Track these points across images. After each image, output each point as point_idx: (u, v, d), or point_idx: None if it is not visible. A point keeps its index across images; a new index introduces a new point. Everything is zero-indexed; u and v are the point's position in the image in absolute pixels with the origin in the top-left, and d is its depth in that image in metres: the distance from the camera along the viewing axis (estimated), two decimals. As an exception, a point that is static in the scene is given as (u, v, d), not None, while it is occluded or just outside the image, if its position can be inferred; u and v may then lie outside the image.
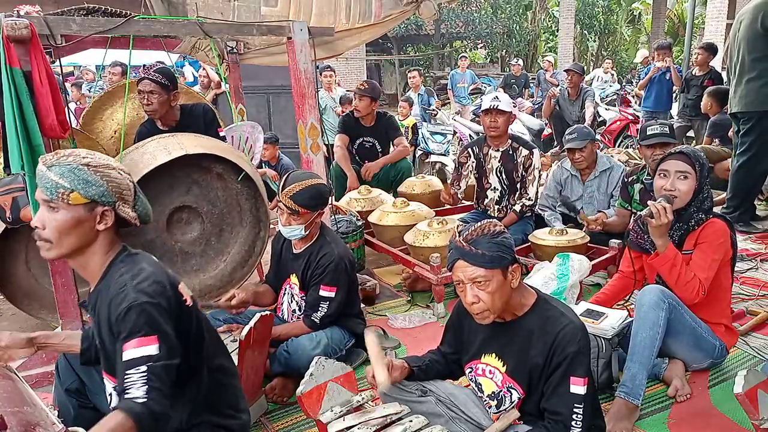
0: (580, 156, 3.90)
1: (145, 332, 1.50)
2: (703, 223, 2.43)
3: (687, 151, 2.43)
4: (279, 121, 6.82)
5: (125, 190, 1.63)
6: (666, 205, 2.31)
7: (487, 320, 1.82)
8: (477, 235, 1.76)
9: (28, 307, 3.29)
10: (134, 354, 1.49)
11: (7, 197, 2.75)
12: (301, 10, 3.39)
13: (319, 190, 2.57)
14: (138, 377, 1.47)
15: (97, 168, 1.59)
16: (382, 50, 21.23)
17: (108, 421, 1.43)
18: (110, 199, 1.60)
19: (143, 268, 1.62)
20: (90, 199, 1.57)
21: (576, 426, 1.73)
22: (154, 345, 1.50)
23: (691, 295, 2.36)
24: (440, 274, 3.29)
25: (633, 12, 24.61)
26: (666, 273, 2.39)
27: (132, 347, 1.49)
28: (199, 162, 2.91)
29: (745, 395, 1.81)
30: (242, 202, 3.08)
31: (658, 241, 2.37)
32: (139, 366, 1.48)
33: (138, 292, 1.54)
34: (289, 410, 2.48)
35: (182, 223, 3.01)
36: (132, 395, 1.45)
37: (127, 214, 1.63)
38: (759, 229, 4.54)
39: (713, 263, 2.39)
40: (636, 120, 7.91)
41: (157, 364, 1.49)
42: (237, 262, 3.15)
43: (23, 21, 2.33)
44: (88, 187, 1.56)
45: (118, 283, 1.57)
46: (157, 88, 3.19)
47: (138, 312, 1.51)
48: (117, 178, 1.61)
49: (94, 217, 1.60)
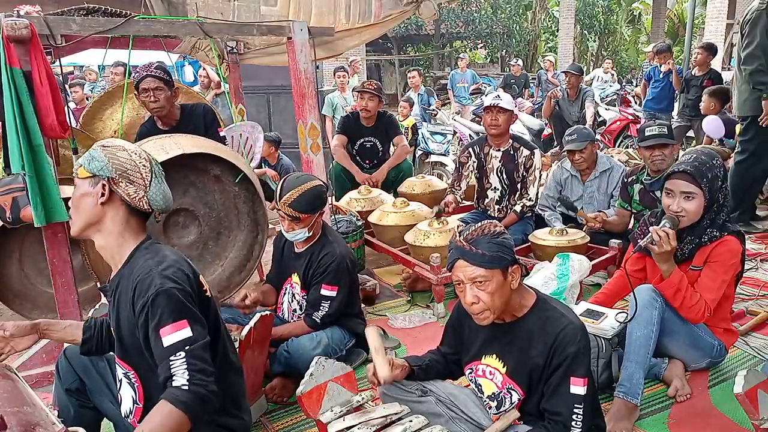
0: (580, 157, 3.90)
1: (176, 317, 1.56)
2: (716, 239, 2.33)
3: (691, 169, 2.27)
4: (279, 121, 6.81)
5: (130, 170, 1.67)
6: (670, 231, 2.22)
7: (487, 321, 1.81)
8: (477, 235, 1.76)
9: (20, 307, 3.27)
10: (172, 339, 1.54)
11: (7, 197, 2.74)
12: (301, 10, 3.39)
13: (316, 193, 2.56)
14: (180, 363, 1.52)
15: (107, 148, 1.70)
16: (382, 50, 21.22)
17: (155, 413, 1.48)
18: (108, 173, 1.65)
19: (167, 255, 1.68)
20: (91, 173, 1.66)
21: (576, 426, 1.73)
22: (186, 328, 1.56)
23: (696, 316, 2.33)
24: (440, 274, 3.29)
25: (633, 12, 24.60)
26: (670, 297, 2.33)
27: (168, 333, 1.55)
28: (196, 164, 2.88)
29: (745, 395, 1.81)
30: (240, 205, 3.04)
31: (663, 266, 2.31)
32: (178, 351, 1.53)
33: (164, 278, 1.59)
34: (289, 410, 2.48)
35: (179, 226, 2.95)
36: (177, 383, 1.51)
37: (125, 192, 1.67)
38: (759, 229, 4.54)
39: (722, 284, 2.33)
40: (636, 120, 7.91)
41: (194, 345, 1.56)
42: (235, 267, 3.11)
43: (23, 21, 2.34)
44: (92, 162, 1.67)
45: (144, 268, 1.63)
46: (161, 84, 3.20)
47: (167, 297, 1.57)
48: (122, 158, 1.68)
49: (97, 192, 1.66)
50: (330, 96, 7.44)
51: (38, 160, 2.44)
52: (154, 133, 3.27)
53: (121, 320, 1.68)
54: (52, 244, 2.62)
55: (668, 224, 2.26)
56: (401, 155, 4.92)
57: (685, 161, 2.35)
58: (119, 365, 1.77)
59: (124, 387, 1.78)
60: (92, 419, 1.99)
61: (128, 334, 1.67)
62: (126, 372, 1.75)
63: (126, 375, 1.75)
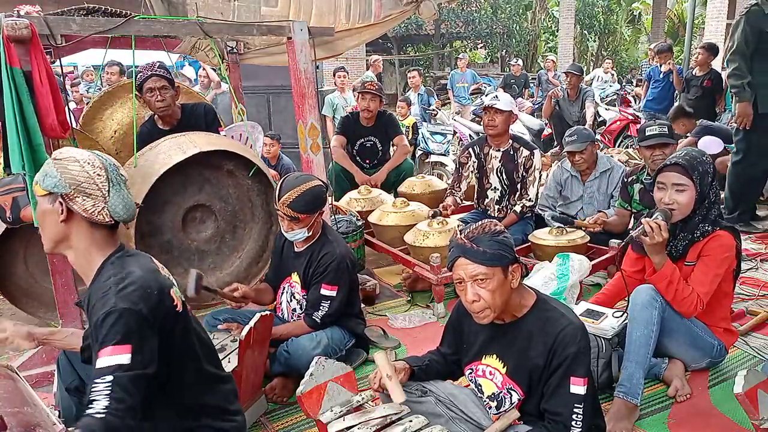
0: (580, 158, 3.90)
1: (118, 340, 1.47)
2: (708, 234, 2.35)
3: (682, 161, 2.33)
4: (279, 121, 6.81)
5: (84, 183, 1.59)
6: (661, 222, 2.24)
7: (487, 320, 1.81)
8: (478, 233, 1.77)
9: (26, 306, 3.31)
10: (105, 362, 1.46)
11: (7, 197, 2.75)
12: (301, 10, 3.39)
13: (315, 193, 2.55)
14: (103, 387, 1.44)
15: (59, 161, 1.61)
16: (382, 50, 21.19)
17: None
18: (62, 189, 1.58)
19: (131, 271, 1.59)
20: (47, 191, 1.60)
21: (576, 426, 1.73)
22: (126, 354, 1.47)
23: (688, 310, 2.34)
24: (440, 274, 3.29)
25: (633, 12, 24.58)
26: (663, 290, 2.34)
27: (105, 355, 1.47)
28: (210, 160, 2.95)
29: (745, 395, 1.81)
30: (253, 198, 3.13)
31: (655, 258, 2.32)
32: (105, 375, 1.45)
33: (119, 298, 1.51)
34: (289, 410, 2.48)
35: (196, 222, 3.06)
36: (93, 409, 1.42)
37: (81, 208, 1.59)
38: (759, 229, 4.54)
39: (715, 278, 2.34)
40: (636, 120, 7.91)
41: (125, 374, 1.46)
42: (252, 258, 3.21)
43: (23, 21, 2.33)
44: (45, 178, 1.61)
45: (103, 287, 1.56)
46: (166, 83, 3.22)
47: (115, 318, 1.48)
48: (74, 170, 1.59)
49: (56, 209, 1.60)
50: (330, 96, 7.44)
51: (38, 160, 2.43)
52: (154, 133, 3.28)
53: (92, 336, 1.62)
54: (52, 244, 2.62)
55: (660, 216, 2.28)
56: (401, 156, 4.92)
57: (676, 155, 2.40)
58: None
59: None
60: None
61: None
62: None
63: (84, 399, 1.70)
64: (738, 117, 4.29)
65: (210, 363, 1.83)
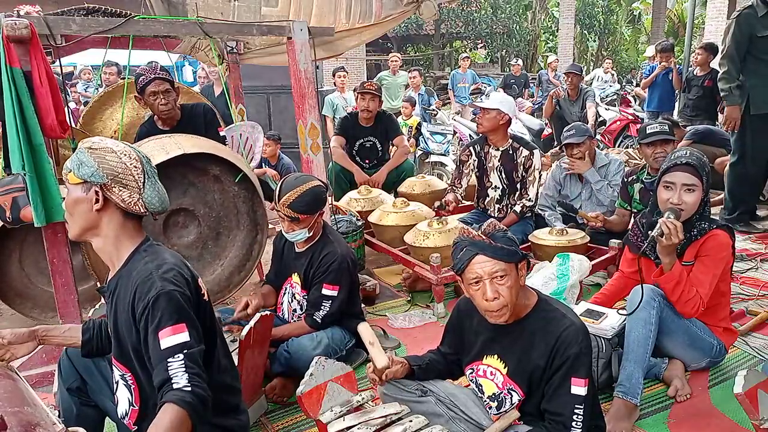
0: (578, 151, 3.90)
1: (176, 320, 1.55)
2: (705, 233, 2.35)
3: (693, 161, 2.31)
4: (279, 121, 6.82)
5: (122, 174, 1.62)
6: (677, 223, 2.22)
7: (503, 318, 1.79)
8: (491, 230, 1.77)
9: (20, 306, 3.28)
10: (171, 342, 1.53)
11: (7, 197, 2.75)
12: (301, 10, 3.39)
13: (315, 193, 2.55)
14: (178, 365, 1.51)
15: (95, 150, 1.63)
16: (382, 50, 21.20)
17: (163, 417, 1.46)
18: (99, 179, 1.61)
19: (166, 258, 1.67)
20: (82, 179, 1.62)
21: (576, 426, 1.73)
22: (185, 333, 1.55)
23: (691, 311, 2.34)
24: (440, 274, 3.29)
25: (633, 12, 24.60)
26: (670, 290, 2.34)
27: (167, 335, 1.54)
28: (196, 164, 2.88)
29: (745, 395, 1.82)
30: (239, 205, 3.04)
31: (666, 259, 2.31)
32: (177, 354, 1.52)
33: (165, 280, 1.59)
34: (289, 410, 2.48)
35: (179, 226, 2.96)
36: (178, 384, 1.49)
37: (119, 198, 1.63)
38: (759, 229, 4.54)
39: (714, 278, 2.34)
40: (636, 120, 7.91)
41: (192, 350, 1.55)
42: (234, 266, 3.11)
43: (23, 21, 2.34)
44: (81, 167, 1.62)
45: (144, 271, 1.61)
46: (169, 86, 3.21)
47: (167, 300, 1.56)
48: (112, 161, 1.62)
49: (90, 198, 1.63)
50: (330, 96, 7.45)
51: (38, 160, 2.44)
52: (154, 133, 3.27)
53: (118, 322, 1.67)
54: (52, 244, 2.62)
55: (672, 217, 2.25)
56: (401, 156, 4.92)
57: (683, 155, 2.36)
58: (116, 367, 1.76)
59: (120, 389, 1.77)
60: (95, 418, 1.99)
61: (126, 335, 1.65)
62: (123, 374, 1.74)
63: (123, 377, 1.75)
64: (726, 120, 4.33)
65: (226, 356, 1.88)
